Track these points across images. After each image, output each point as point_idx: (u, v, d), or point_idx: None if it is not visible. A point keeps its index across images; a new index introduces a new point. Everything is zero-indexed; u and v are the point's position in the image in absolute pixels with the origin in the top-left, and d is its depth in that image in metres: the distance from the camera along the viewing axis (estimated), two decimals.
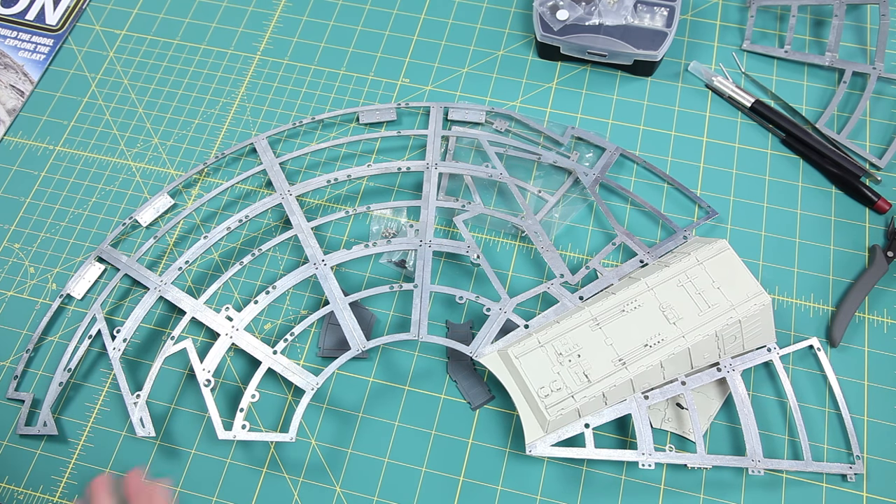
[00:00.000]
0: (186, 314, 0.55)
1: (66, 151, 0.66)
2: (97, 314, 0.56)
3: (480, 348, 0.51)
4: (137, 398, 0.52)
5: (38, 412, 0.55)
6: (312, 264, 0.56)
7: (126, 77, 0.69)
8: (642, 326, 0.50)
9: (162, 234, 0.59)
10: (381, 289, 0.54)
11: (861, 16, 0.67)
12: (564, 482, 0.51)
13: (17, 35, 0.72)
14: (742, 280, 0.51)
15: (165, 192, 0.62)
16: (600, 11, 0.63)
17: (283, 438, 0.50)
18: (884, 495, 0.50)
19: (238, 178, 0.61)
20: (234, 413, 0.54)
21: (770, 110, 0.62)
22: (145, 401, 0.52)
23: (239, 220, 0.58)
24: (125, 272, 0.58)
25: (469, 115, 0.63)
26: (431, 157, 0.61)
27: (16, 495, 0.53)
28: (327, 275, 0.55)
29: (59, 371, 0.55)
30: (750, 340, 0.51)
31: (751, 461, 0.49)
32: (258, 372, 0.52)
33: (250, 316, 0.54)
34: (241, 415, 0.51)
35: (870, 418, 0.52)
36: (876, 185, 0.60)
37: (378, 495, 0.51)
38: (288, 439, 0.50)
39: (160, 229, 0.59)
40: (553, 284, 0.54)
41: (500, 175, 0.59)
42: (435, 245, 0.56)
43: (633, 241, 0.56)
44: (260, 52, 0.69)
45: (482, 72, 0.67)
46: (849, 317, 0.54)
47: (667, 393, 0.50)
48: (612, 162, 0.61)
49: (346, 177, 0.60)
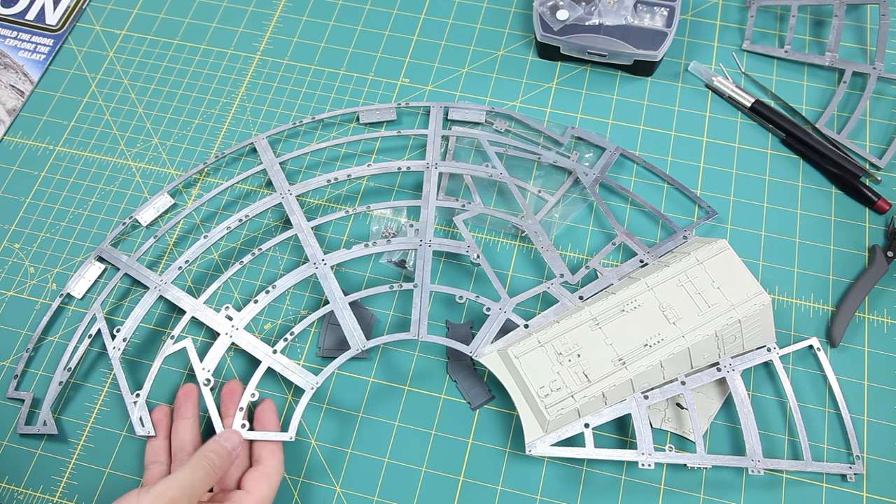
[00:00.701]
0: (186, 314, 0.55)
1: (66, 151, 0.66)
2: (97, 313, 0.56)
3: (480, 348, 0.51)
4: (137, 397, 0.52)
5: (37, 412, 0.55)
6: (312, 264, 0.56)
7: (126, 77, 0.69)
8: (642, 326, 0.50)
9: (162, 233, 0.59)
10: (381, 288, 0.54)
11: (861, 16, 0.67)
12: (564, 482, 0.51)
13: (17, 35, 0.72)
14: (742, 280, 0.51)
15: (165, 191, 0.62)
16: (600, 11, 0.63)
17: (283, 438, 0.50)
18: (884, 495, 0.50)
19: (238, 177, 0.61)
20: None
21: (770, 110, 0.62)
22: (145, 400, 0.52)
23: (239, 219, 0.58)
24: (125, 272, 0.58)
25: (469, 115, 0.63)
26: (431, 156, 0.61)
27: (16, 495, 0.53)
28: (327, 274, 0.55)
29: (59, 370, 0.55)
30: (750, 340, 0.51)
31: (750, 461, 0.49)
32: (258, 371, 0.52)
33: (250, 315, 0.54)
34: (240, 414, 0.51)
35: (870, 418, 0.52)
36: (876, 185, 0.60)
37: (378, 495, 0.51)
38: (287, 438, 0.50)
39: (160, 229, 0.59)
40: (553, 284, 0.54)
41: (499, 175, 0.59)
42: (435, 245, 0.56)
43: (632, 241, 0.56)
44: (260, 52, 0.69)
45: (482, 72, 0.67)
46: (849, 317, 0.54)
47: (667, 393, 0.50)
48: (611, 162, 0.61)
49: (346, 176, 0.60)
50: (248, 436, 0.50)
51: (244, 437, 0.50)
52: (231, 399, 0.52)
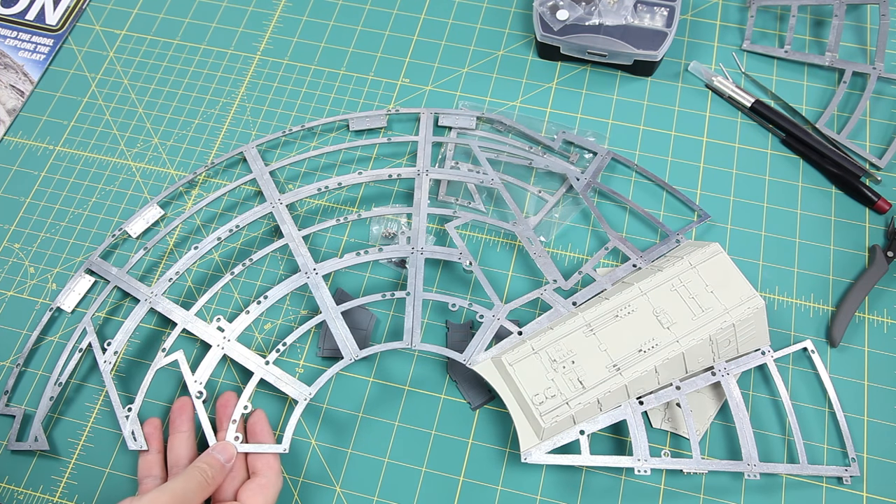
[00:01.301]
0: (177, 326, 0.54)
1: (66, 151, 0.66)
2: (87, 327, 0.55)
3: (474, 356, 0.51)
4: (129, 411, 0.52)
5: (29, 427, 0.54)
6: (304, 273, 0.55)
7: (126, 77, 0.69)
8: (636, 332, 0.50)
9: (152, 245, 0.58)
10: (374, 297, 0.54)
11: (861, 16, 0.67)
12: (564, 483, 0.51)
13: (17, 35, 0.72)
14: (735, 283, 0.51)
15: (155, 202, 0.61)
16: (600, 11, 0.63)
17: (277, 450, 0.50)
18: (883, 495, 0.50)
19: (227, 188, 0.60)
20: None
21: (770, 110, 0.62)
22: (136, 414, 0.52)
23: (230, 229, 0.58)
24: (115, 284, 0.58)
25: (459, 120, 0.63)
26: (422, 163, 0.60)
27: (16, 495, 0.53)
28: (319, 284, 0.55)
29: (50, 385, 0.54)
30: (744, 344, 0.51)
31: (746, 465, 0.49)
32: (250, 383, 0.51)
33: (242, 326, 0.54)
34: (233, 426, 0.50)
35: (870, 418, 0.52)
36: (876, 185, 0.60)
37: (378, 495, 0.51)
38: (281, 450, 0.50)
39: (150, 241, 0.59)
40: (546, 290, 0.54)
41: (491, 181, 0.59)
42: (427, 252, 0.56)
43: (625, 246, 0.56)
44: (260, 52, 0.69)
45: (482, 72, 0.67)
46: (849, 317, 0.54)
47: (662, 398, 0.50)
48: (603, 166, 0.60)
49: (338, 185, 0.59)
50: (242, 448, 0.50)
51: (238, 450, 0.50)
52: (225, 411, 0.52)
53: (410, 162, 0.63)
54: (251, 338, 0.57)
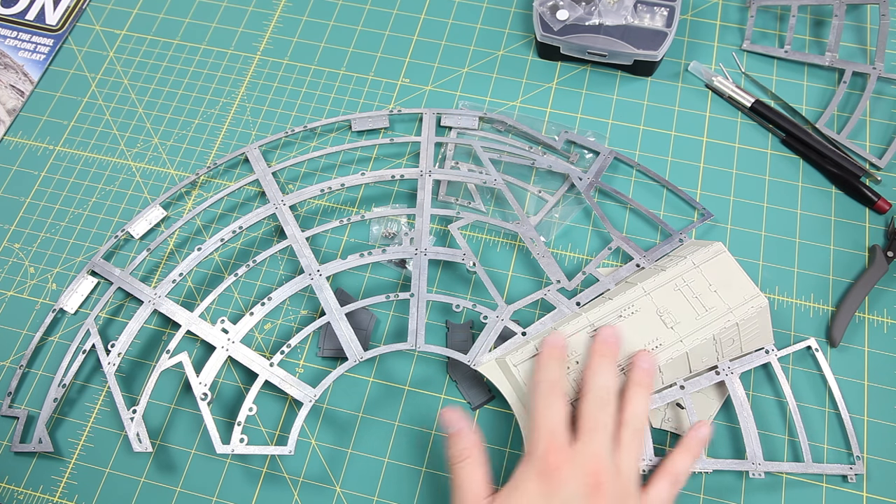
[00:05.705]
0: (181, 328, 0.54)
1: (66, 151, 0.66)
2: (91, 328, 0.55)
3: (478, 357, 0.51)
4: (133, 413, 0.52)
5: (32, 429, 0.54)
6: (308, 275, 0.55)
7: (126, 77, 0.69)
8: (640, 332, 0.50)
9: (155, 246, 0.58)
10: (377, 298, 0.53)
11: (861, 16, 0.67)
12: None
13: (17, 35, 0.72)
14: (738, 283, 0.51)
15: (157, 203, 0.61)
16: (600, 11, 0.63)
17: (282, 452, 0.50)
18: (884, 495, 0.50)
19: (229, 189, 0.60)
20: (232, 421, 0.54)
21: (770, 110, 0.62)
22: (141, 416, 0.52)
23: (233, 231, 0.58)
24: (118, 285, 0.58)
25: (462, 120, 0.63)
26: (425, 164, 0.60)
27: (16, 495, 0.53)
28: (322, 285, 0.55)
29: (54, 387, 0.54)
30: (748, 343, 0.51)
31: (751, 464, 0.49)
32: (255, 385, 0.51)
33: (246, 328, 0.54)
34: (238, 429, 0.50)
35: (870, 418, 0.52)
36: (876, 185, 0.60)
37: (378, 495, 0.51)
38: (287, 452, 0.49)
39: (153, 242, 0.59)
40: (550, 291, 0.54)
41: (493, 182, 0.59)
42: (431, 254, 0.56)
43: (628, 245, 0.56)
44: (260, 52, 0.69)
45: (482, 72, 0.67)
46: (849, 317, 0.54)
47: (666, 398, 0.50)
48: (606, 165, 0.60)
49: (340, 186, 0.59)
50: (247, 450, 0.50)
51: (241, 451, 0.50)
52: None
53: (411, 162, 0.63)
54: (251, 338, 0.57)
